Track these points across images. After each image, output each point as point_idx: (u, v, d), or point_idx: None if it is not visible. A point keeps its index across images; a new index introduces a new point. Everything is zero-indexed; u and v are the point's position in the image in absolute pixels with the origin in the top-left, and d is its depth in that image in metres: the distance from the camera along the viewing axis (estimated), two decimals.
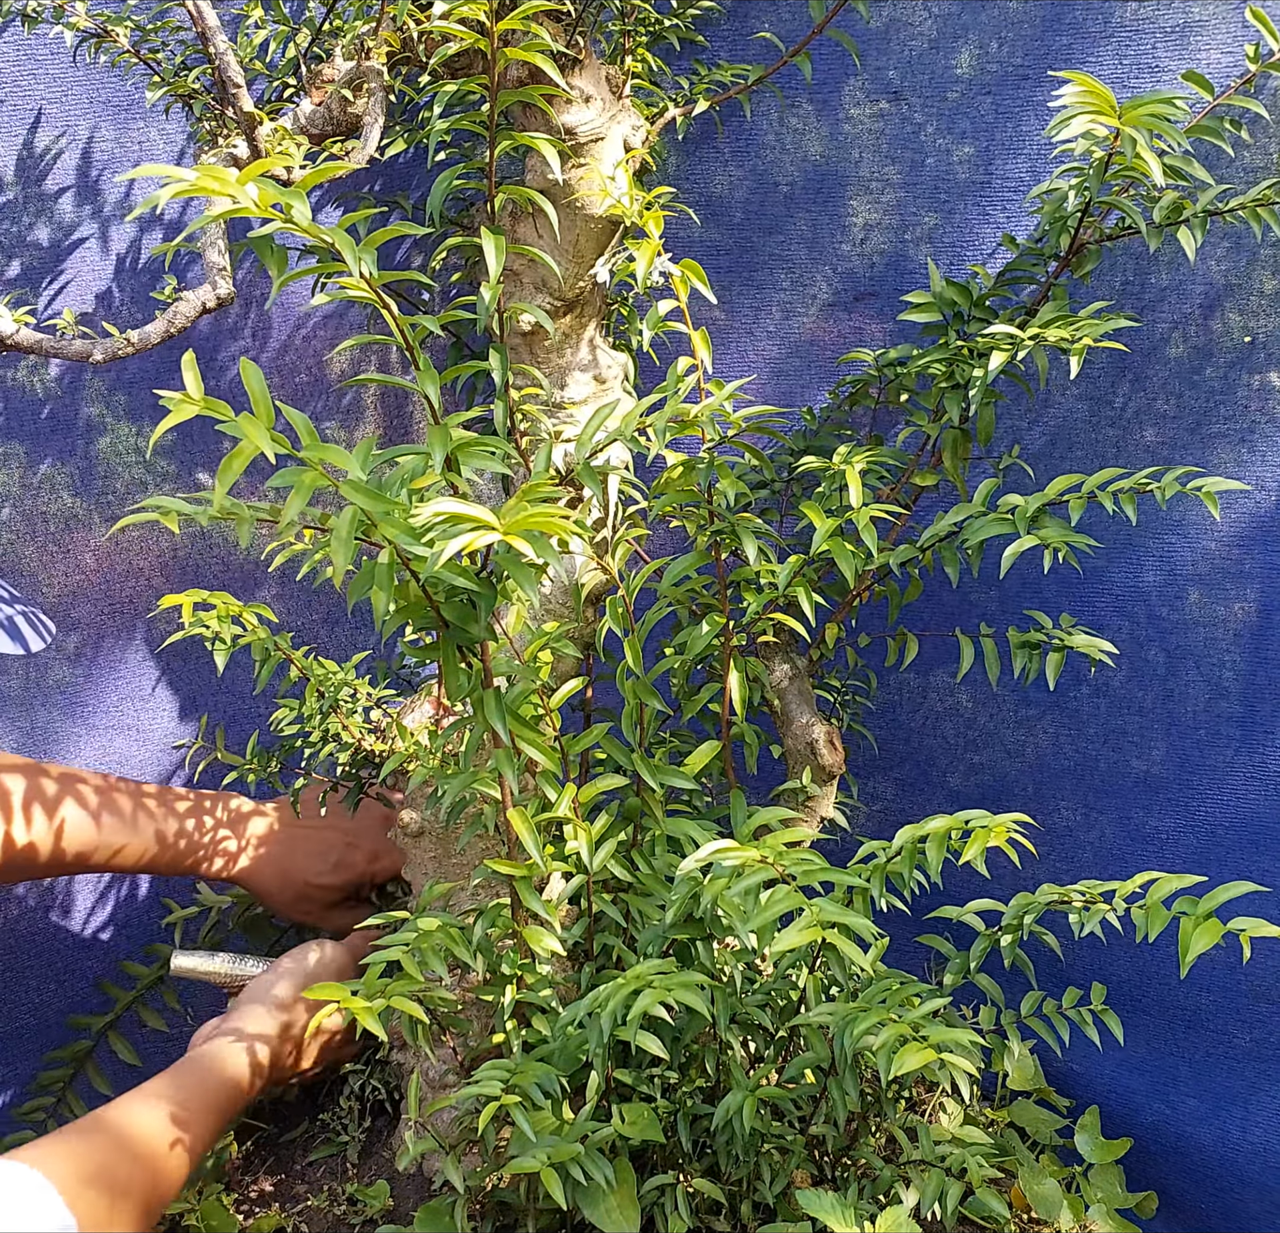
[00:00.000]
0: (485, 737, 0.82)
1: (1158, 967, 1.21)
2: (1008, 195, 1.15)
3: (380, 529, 0.58)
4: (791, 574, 0.92)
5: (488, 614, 0.70)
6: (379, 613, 0.61)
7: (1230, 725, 1.18)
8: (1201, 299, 1.12)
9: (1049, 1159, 1.15)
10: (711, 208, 1.22)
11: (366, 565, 0.61)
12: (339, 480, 0.57)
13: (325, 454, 0.54)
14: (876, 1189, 0.93)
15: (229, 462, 0.50)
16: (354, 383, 1.15)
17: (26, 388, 1.24)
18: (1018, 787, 1.28)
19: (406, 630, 0.75)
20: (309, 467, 0.54)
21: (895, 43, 1.14)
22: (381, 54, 0.91)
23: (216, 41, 0.88)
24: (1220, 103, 0.93)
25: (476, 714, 0.76)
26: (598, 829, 0.89)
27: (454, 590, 0.69)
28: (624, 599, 0.91)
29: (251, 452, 0.49)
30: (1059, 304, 0.97)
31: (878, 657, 1.17)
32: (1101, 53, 1.10)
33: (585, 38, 0.92)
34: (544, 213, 0.86)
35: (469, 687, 0.74)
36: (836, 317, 1.23)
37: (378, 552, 0.63)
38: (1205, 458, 1.14)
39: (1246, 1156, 1.14)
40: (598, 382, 1.02)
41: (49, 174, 1.20)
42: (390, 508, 0.57)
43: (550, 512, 0.59)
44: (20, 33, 1.15)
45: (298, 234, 0.57)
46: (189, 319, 0.86)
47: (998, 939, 0.89)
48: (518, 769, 0.80)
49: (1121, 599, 1.20)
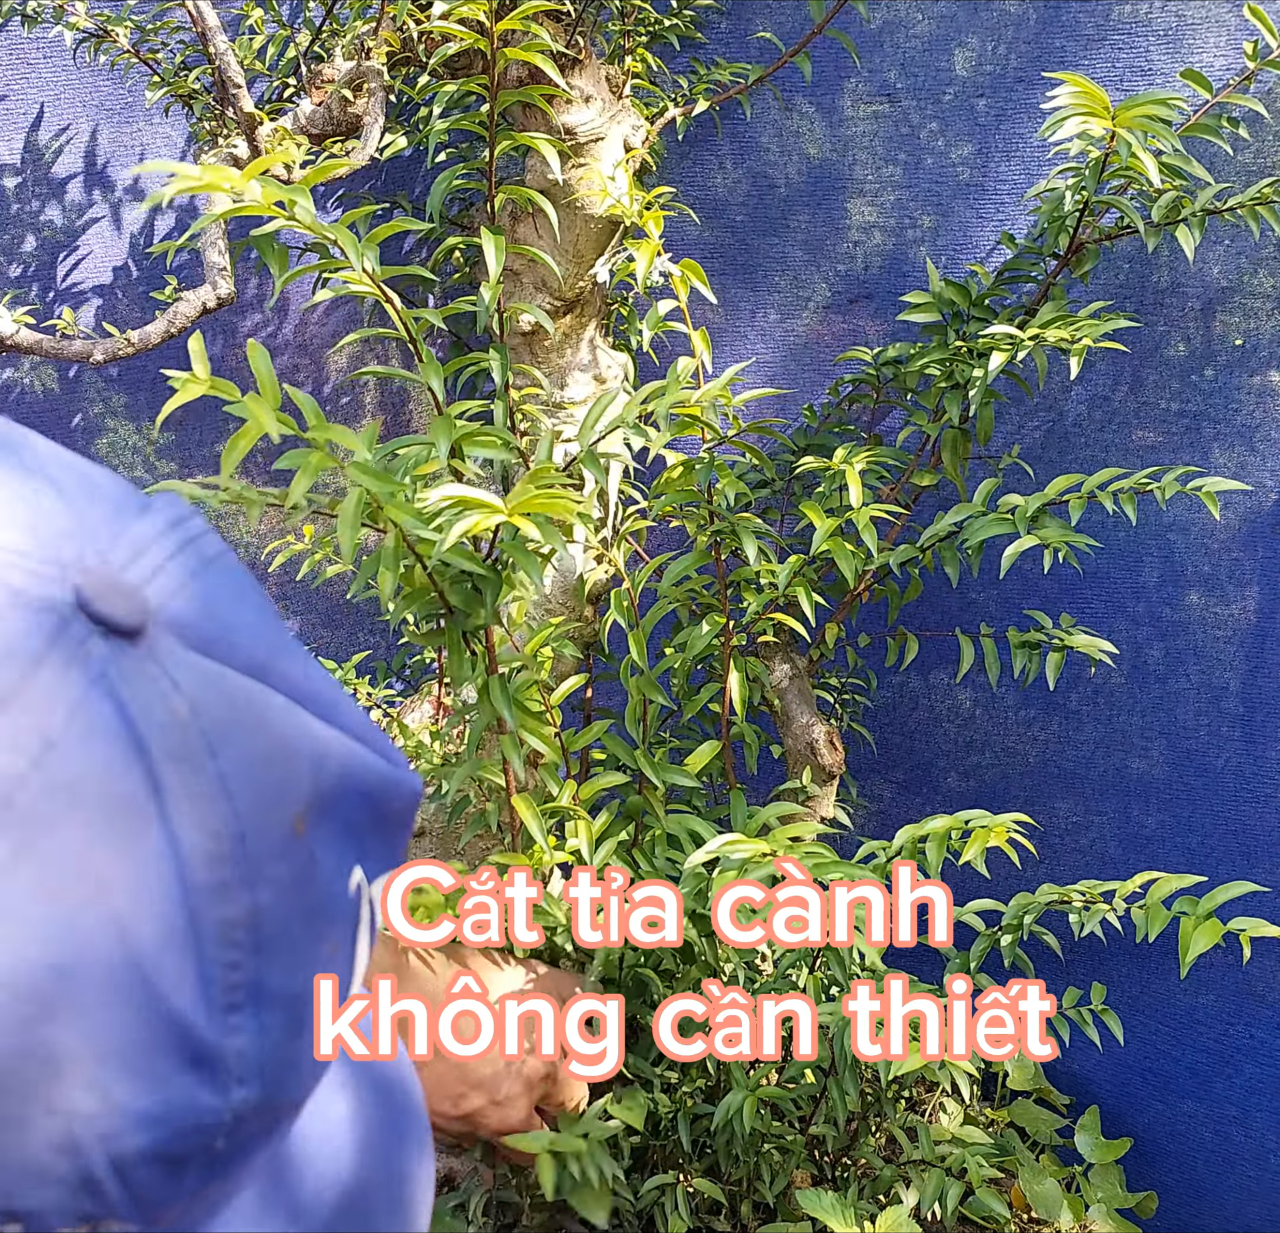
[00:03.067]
0: (487, 730, 0.82)
1: (1157, 967, 1.21)
2: (1005, 196, 1.15)
3: (386, 511, 0.58)
4: (791, 574, 0.93)
5: (494, 600, 0.70)
6: (385, 596, 0.61)
7: (1230, 726, 1.18)
8: (1201, 299, 1.12)
9: (1049, 1159, 1.15)
10: (711, 208, 1.22)
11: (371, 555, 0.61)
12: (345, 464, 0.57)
13: (331, 434, 0.54)
14: (876, 1189, 0.93)
15: (235, 441, 0.50)
16: (359, 375, 1.15)
17: (26, 388, 1.24)
18: (1017, 787, 1.28)
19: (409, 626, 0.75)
20: (315, 447, 0.54)
21: (891, 44, 1.14)
22: (381, 54, 0.91)
23: (216, 41, 0.88)
24: (1219, 101, 0.93)
25: (482, 701, 0.76)
26: (599, 827, 0.89)
27: (460, 575, 0.69)
28: (629, 592, 0.91)
29: (258, 432, 0.49)
30: (1058, 304, 0.97)
31: (878, 657, 1.17)
32: (1097, 54, 1.10)
33: (585, 38, 0.93)
34: (544, 213, 0.86)
35: (474, 673, 0.74)
36: (834, 317, 1.23)
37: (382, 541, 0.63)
38: (1205, 458, 1.14)
39: (1247, 1156, 1.14)
40: (598, 382, 1.02)
41: (49, 174, 1.20)
42: (396, 490, 0.57)
43: (556, 495, 0.59)
44: (19, 33, 1.15)
45: (300, 230, 0.57)
46: (189, 319, 0.86)
47: (998, 939, 0.89)
48: (522, 758, 0.80)
49: (1121, 599, 1.20)
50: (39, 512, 0.30)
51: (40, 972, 0.26)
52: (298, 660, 0.34)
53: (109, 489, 0.33)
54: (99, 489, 0.32)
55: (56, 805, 0.27)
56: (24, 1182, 0.27)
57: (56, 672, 0.28)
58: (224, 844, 0.30)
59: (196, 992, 0.29)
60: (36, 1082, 0.26)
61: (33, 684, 0.27)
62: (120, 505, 0.32)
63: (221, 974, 0.29)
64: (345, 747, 0.34)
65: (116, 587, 0.29)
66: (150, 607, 0.30)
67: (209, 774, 0.30)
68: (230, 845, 0.30)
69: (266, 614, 0.34)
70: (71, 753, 0.27)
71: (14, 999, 0.26)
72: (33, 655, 0.27)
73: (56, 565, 0.29)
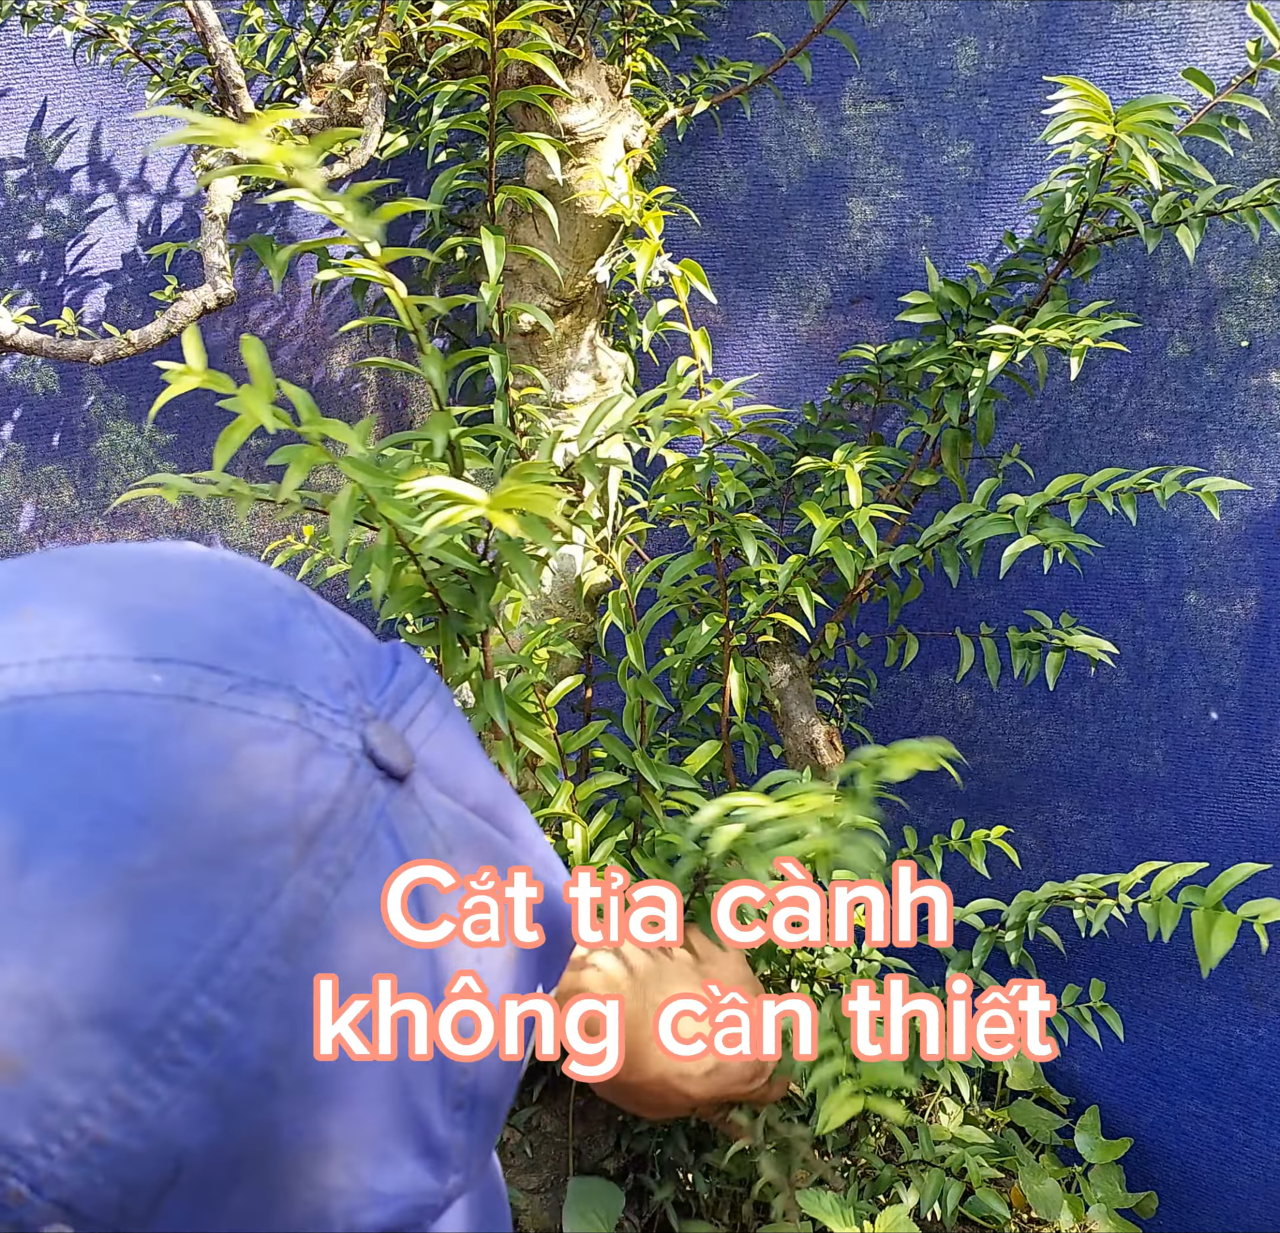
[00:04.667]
0: (483, 730, 0.82)
1: (1159, 966, 1.21)
2: (1007, 194, 1.15)
3: (379, 508, 0.58)
4: (791, 574, 0.92)
5: (488, 600, 0.70)
6: (377, 594, 0.60)
7: (1231, 726, 1.18)
8: (1201, 300, 1.12)
9: (1049, 1159, 1.14)
10: (711, 208, 1.22)
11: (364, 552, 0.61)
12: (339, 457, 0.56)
13: (325, 428, 0.54)
14: (876, 1189, 0.93)
15: (228, 433, 0.50)
16: (361, 365, 1.15)
17: (26, 388, 1.24)
18: (1017, 788, 1.28)
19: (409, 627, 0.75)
20: (308, 442, 0.54)
21: (893, 43, 1.14)
22: (381, 54, 0.91)
23: (216, 42, 0.88)
24: (1220, 101, 0.93)
25: (476, 705, 0.76)
26: (596, 828, 0.89)
27: (454, 575, 0.68)
28: (627, 595, 0.91)
29: (251, 424, 0.49)
30: (1058, 304, 0.97)
31: (878, 657, 1.17)
32: (1098, 53, 1.10)
33: (585, 38, 0.93)
34: (544, 213, 0.86)
35: (470, 676, 0.74)
36: (835, 317, 1.23)
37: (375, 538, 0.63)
38: (1205, 458, 1.14)
39: (1249, 1156, 1.14)
40: (598, 382, 1.02)
41: (48, 174, 1.20)
42: (390, 485, 0.56)
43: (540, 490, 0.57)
44: (18, 33, 1.15)
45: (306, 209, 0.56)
46: (189, 319, 0.86)
47: (1000, 937, 0.89)
48: (517, 763, 0.80)
49: (1123, 599, 1.20)
50: (328, 664, 0.34)
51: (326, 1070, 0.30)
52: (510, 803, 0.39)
53: (366, 638, 0.37)
54: (360, 638, 0.37)
55: (350, 927, 0.31)
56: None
57: (352, 810, 0.32)
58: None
59: (439, 1093, 0.33)
60: (308, 1163, 0.30)
61: (336, 821, 0.31)
62: (379, 654, 0.37)
63: (456, 1078, 0.34)
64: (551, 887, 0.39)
65: (390, 735, 0.33)
66: (413, 752, 0.34)
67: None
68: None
69: (485, 758, 0.39)
70: (364, 882, 0.32)
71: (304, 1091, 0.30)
72: (336, 796, 0.32)
73: (345, 715, 0.33)
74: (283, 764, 0.31)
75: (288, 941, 0.29)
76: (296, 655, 0.33)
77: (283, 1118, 0.30)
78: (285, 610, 0.35)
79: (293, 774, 0.31)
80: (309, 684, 0.33)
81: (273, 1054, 0.29)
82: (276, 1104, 0.29)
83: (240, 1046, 0.29)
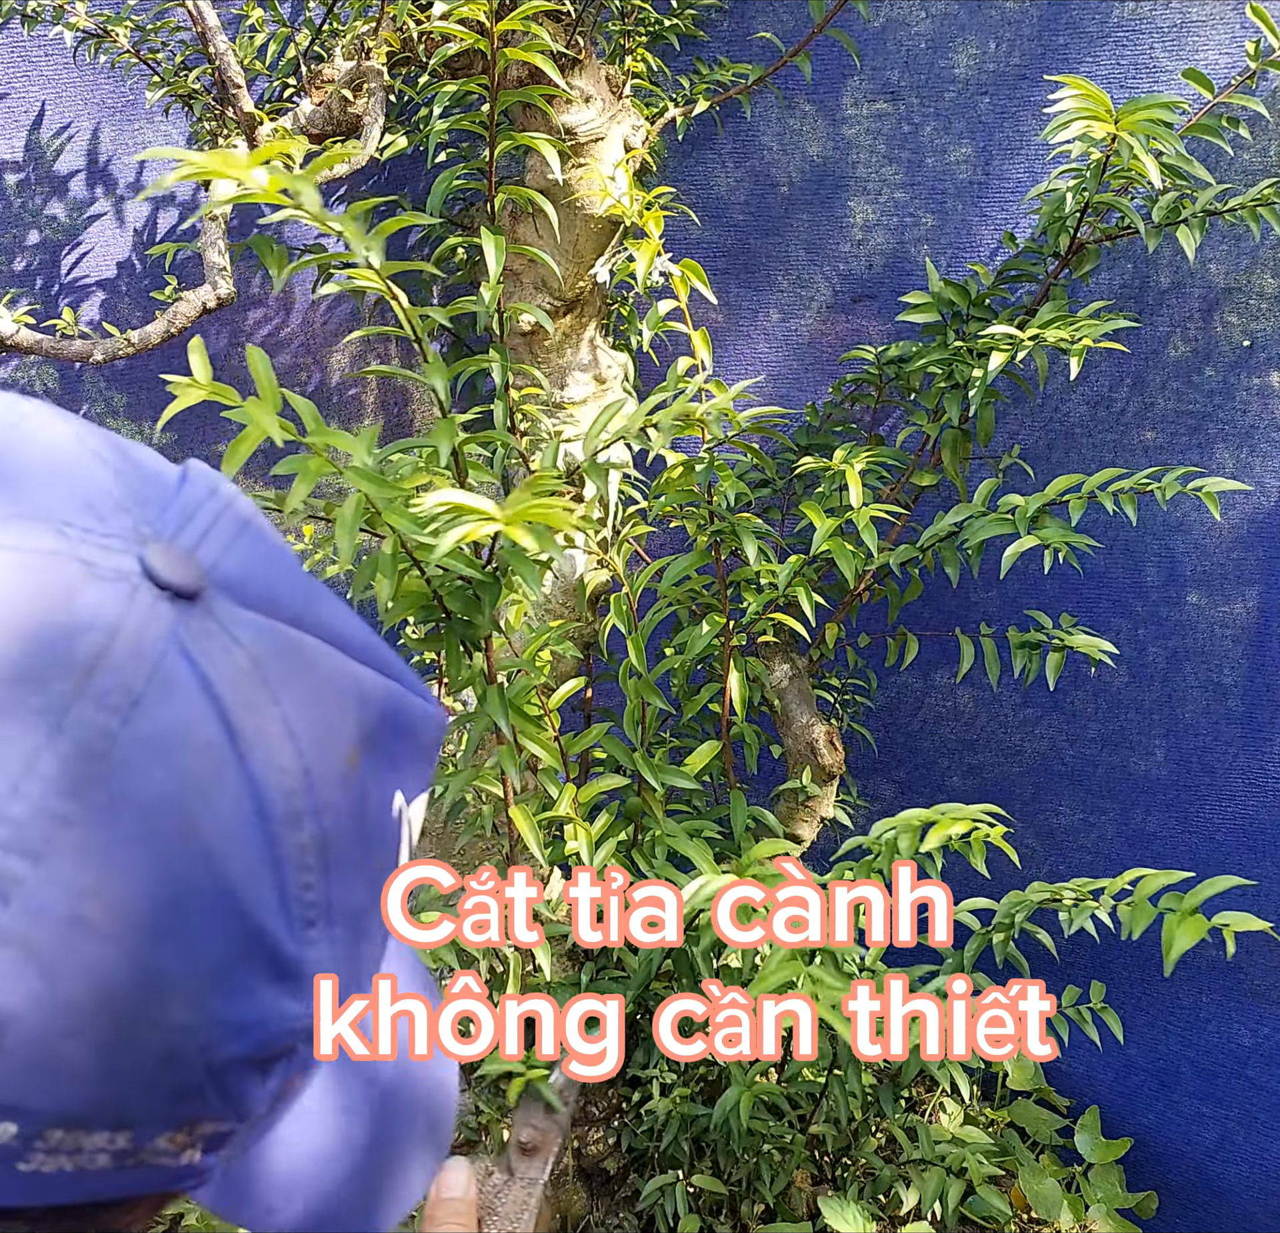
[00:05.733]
0: (486, 734, 0.82)
1: (1159, 968, 1.21)
2: (1008, 194, 1.15)
3: (385, 517, 0.58)
4: (791, 574, 0.92)
5: (492, 606, 0.70)
6: (382, 601, 0.61)
7: (1231, 726, 1.18)
8: (1202, 300, 1.12)
9: (1049, 1159, 1.14)
10: (712, 208, 1.22)
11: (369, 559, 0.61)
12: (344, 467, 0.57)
13: (331, 439, 0.54)
14: (876, 1189, 0.93)
15: (236, 446, 0.50)
16: (363, 374, 1.15)
17: (26, 388, 1.24)
18: (1018, 788, 1.28)
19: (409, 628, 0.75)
20: (314, 453, 0.54)
21: (894, 42, 1.14)
22: (381, 54, 0.91)
23: (216, 42, 0.88)
24: (1220, 101, 0.93)
25: (478, 710, 0.76)
26: (598, 829, 0.89)
27: (458, 581, 0.68)
28: (628, 597, 0.91)
29: (259, 436, 0.49)
30: (1058, 304, 0.97)
31: (878, 657, 1.17)
32: (1099, 53, 1.10)
33: (585, 38, 0.93)
34: (544, 213, 0.86)
35: (473, 680, 0.74)
36: (837, 316, 1.23)
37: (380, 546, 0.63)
38: (1206, 458, 1.14)
39: (1249, 1156, 1.14)
40: (598, 382, 1.02)
41: (48, 175, 1.20)
42: (395, 495, 0.57)
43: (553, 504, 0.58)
44: (18, 33, 1.15)
45: (302, 221, 0.57)
46: (189, 319, 0.86)
47: (990, 938, 0.89)
48: (519, 767, 0.80)
49: (1124, 599, 1.20)
50: (94, 488, 0.33)
51: (145, 904, 0.30)
52: (330, 607, 0.37)
53: (146, 459, 0.36)
54: (138, 460, 0.35)
55: (146, 756, 0.30)
56: (133, 1093, 0.30)
57: (134, 636, 0.31)
58: (293, 779, 0.33)
59: (280, 911, 0.32)
60: (146, 1002, 0.30)
61: (115, 648, 0.30)
62: (161, 475, 0.35)
63: (299, 894, 0.33)
64: (383, 685, 0.38)
65: (174, 553, 0.32)
66: (204, 570, 0.33)
67: (274, 718, 0.33)
68: (299, 780, 0.33)
69: (297, 566, 0.38)
70: (155, 708, 0.30)
71: (125, 930, 0.29)
72: (112, 622, 0.30)
73: (119, 538, 0.32)
74: (48, 598, 0.30)
75: (74, 779, 0.29)
76: (56, 486, 0.32)
77: (107, 961, 0.29)
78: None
79: (61, 606, 0.30)
80: (73, 512, 0.31)
81: (81, 896, 0.29)
82: (96, 948, 0.29)
83: (42, 893, 0.28)
